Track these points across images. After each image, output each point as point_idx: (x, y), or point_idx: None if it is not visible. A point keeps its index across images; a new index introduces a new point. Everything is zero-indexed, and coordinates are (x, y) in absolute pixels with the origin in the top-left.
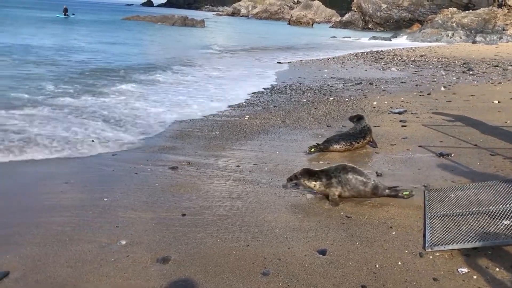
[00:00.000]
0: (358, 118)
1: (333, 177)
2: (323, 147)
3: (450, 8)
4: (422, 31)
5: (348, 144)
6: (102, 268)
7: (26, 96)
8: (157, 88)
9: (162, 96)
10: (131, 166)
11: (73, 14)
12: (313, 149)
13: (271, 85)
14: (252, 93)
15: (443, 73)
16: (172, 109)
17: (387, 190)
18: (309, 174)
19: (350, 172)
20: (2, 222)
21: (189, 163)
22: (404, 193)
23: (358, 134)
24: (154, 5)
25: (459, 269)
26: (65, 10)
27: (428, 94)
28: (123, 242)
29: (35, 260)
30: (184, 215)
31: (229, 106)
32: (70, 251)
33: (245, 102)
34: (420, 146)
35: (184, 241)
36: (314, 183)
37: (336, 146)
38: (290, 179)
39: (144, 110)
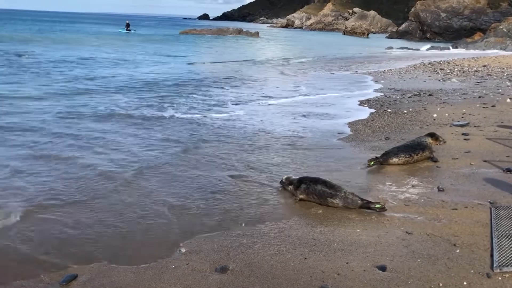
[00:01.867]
0: (428, 135)
1: (303, 183)
2: (382, 160)
3: None
4: (484, 40)
5: (407, 156)
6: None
7: None
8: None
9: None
10: None
11: (134, 30)
12: (372, 163)
13: (326, 95)
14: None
15: (509, 84)
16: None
17: (359, 202)
18: (289, 180)
19: (319, 184)
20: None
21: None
22: (376, 206)
23: (417, 146)
24: (210, 18)
25: None
26: (127, 25)
27: (492, 106)
28: (183, 250)
29: (101, 265)
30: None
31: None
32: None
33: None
34: (485, 161)
35: (241, 251)
36: (290, 187)
37: (395, 160)
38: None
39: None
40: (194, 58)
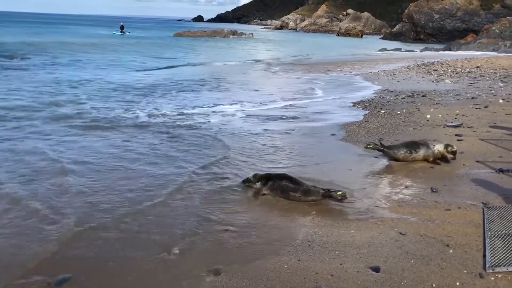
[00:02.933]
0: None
1: (270, 180)
2: (383, 149)
3: (508, 17)
4: (477, 41)
5: (408, 152)
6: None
7: None
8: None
9: None
10: None
11: (129, 31)
12: (370, 146)
13: (321, 98)
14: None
15: (502, 85)
16: None
17: (321, 191)
18: (257, 177)
19: (284, 180)
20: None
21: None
22: (338, 193)
23: (413, 144)
24: (204, 20)
25: None
26: (122, 28)
27: (485, 107)
28: (176, 252)
29: (95, 267)
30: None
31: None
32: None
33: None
34: (478, 161)
35: (234, 253)
36: (257, 183)
37: (396, 151)
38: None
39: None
40: (182, 60)
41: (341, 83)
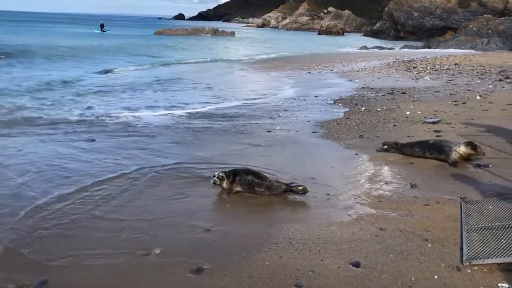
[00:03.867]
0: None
1: (237, 175)
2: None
3: (485, 15)
4: (455, 39)
5: (421, 152)
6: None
7: None
8: None
9: None
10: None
11: (109, 30)
12: (385, 146)
13: (301, 95)
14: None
15: (479, 81)
16: None
17: (283, 186)
18: (224, 175)
19: (250, 175)
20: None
21: None
22: (299, 188)
23: (432, 145)
24: (186, 18)
25: (499, 284)
26: (102, 26)
27: (463, 103)
28: (158, 251)
29: (72, 270)
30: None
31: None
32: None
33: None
34: None
35: (216, 251)
36: (226, 181)
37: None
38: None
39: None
40: (154, 59)
41: (324, 80)
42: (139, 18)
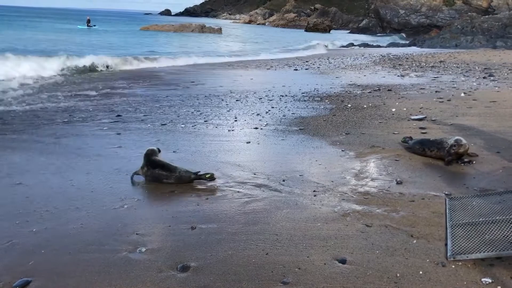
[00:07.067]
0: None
1: (145, 167)
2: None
3: (469, 13)
4: (440, 36)
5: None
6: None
7: None
8: None
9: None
10: None
11: (95, 25)
12: (402, 139)
13: (288, 92)
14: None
15: (463, 79)
16: None
17: (192, 176)
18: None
19: (157, 168)
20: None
21: None
22: (207, 176)
23: (433, 142)
24: (172, 14)
25: (483, 279)
26: (88, 21)
27: (448, 100)
28: (143, 250)
29: (57, 268)
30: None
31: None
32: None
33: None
34: None
35: (202, 249)
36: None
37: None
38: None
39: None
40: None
41: (307, 78)
42: (125, 13)
